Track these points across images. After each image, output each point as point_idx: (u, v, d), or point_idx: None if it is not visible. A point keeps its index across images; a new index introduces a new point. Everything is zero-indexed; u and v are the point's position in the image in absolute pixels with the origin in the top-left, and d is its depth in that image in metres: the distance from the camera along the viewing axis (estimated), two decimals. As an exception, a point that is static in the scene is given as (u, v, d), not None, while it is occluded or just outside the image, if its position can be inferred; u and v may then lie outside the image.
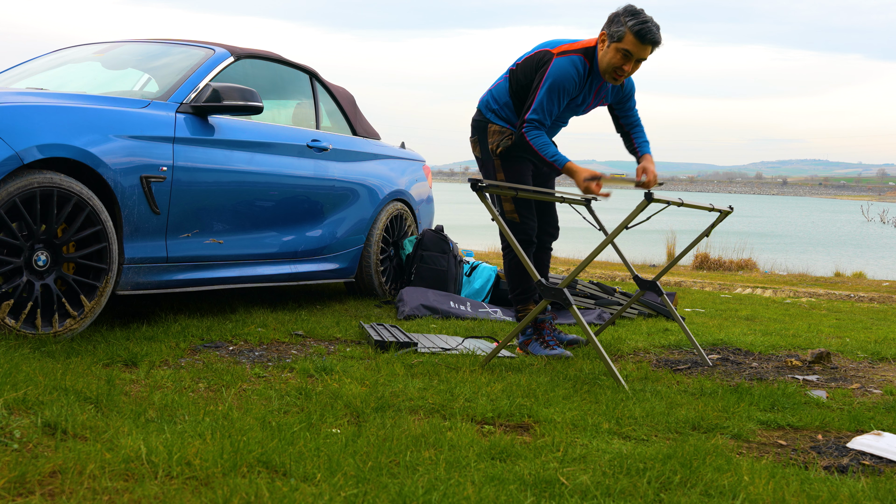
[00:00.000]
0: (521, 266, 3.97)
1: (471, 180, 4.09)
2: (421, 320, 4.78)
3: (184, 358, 3.35)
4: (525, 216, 3.96)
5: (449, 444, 2.35)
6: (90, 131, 3.51)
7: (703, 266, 12.09)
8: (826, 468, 2.44)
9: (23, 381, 2.54)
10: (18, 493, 1.77)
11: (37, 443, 2.08)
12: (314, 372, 3.22)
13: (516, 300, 4.08)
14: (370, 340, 3.87)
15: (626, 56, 3.67)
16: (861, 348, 4.57)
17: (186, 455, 2.02)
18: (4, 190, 3.18)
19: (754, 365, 4.03)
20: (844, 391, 3.51)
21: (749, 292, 8.21)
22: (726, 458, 2.38)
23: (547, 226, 4.19)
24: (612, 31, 3.68)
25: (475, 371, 3.40)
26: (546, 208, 4.18)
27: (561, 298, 3.50)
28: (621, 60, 3.68)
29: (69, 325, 3.40)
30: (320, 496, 1.87)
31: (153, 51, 4.71)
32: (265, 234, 4.51)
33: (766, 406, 3.12)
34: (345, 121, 5.48)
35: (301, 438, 2.28)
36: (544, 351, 3.91)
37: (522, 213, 3.96)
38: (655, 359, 4.07)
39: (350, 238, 5.18)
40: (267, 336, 3.90)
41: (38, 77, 4.55)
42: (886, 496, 2.15)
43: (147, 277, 3.81)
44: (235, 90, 4.07)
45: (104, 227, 3.50)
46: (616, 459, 2.31)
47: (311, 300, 5.27)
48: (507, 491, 2.00)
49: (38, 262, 3.32)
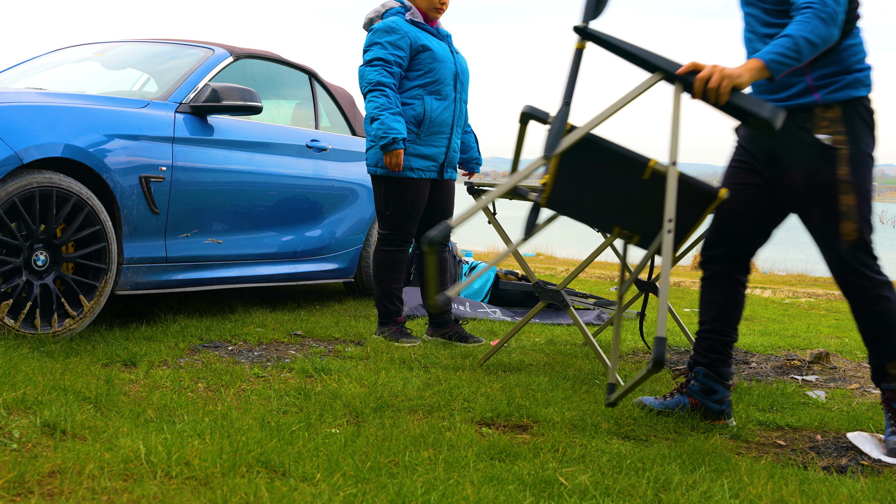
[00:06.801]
0: None
1: (467, 184, 4.09)
2: (421, 320, 4.78)
3: (183, 358, 3.35)
4: None
5: (448, 444, 2.35)
6: (89, 131, 3.51)
7: (703, 266, 12.07)
8: (825, 468, 2.44)
9: (22, 380, 2.54)
10: (17, 493, 1.77)
11: (36, 443, 2.08)
12: (313, 372, 3.22)
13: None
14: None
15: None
16: (860, 348, 4.57)
17: (185, 455, 2.02)
18: (3, 190, 3.18)
19: (753, 365, 4.03)
20: (843, 391, 3.51)
21: (748, 292, 8.21)
22: (725, 459, 2.38)
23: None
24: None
25: (474, 371, 3.40)
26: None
27: (558, 300, 3.50)
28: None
29: (68, 325, 3.40)
30: (319, 496, 1.87)
31: (152, 51, 4.71)
32: (264, 234, 4.51)
33: (765, 406, 3.12)
34: (344, 121, 5.48)
35: (300, 438, 2.28)
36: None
37: None
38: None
39: (349, 238, 5.18)
40: (266, 336, 3.90)
41: (38, 77, 4.55)
42: (885, 496, 2.15)
43: (146, 277, 3.81)
44: (235, 90, 4.07)
45: (103, 226, 3.50)
46: (615, 459, 2.31)
47: (310, 300, 5.27)
48: (506, 491, 2.00)
49: (37, 262, 3.32)
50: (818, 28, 2.50)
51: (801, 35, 2.50)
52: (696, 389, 2.86)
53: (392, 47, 3.88)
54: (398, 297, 4.09)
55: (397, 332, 4.04)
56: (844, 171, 2.63)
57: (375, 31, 3.93)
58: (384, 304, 4.07)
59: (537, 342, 4.31)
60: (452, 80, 4.02)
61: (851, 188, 2.63)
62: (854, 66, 2.66)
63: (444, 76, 3.99)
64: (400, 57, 3.89)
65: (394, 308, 4.07)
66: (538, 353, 3.98)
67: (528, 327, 4.73)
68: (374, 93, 3.84)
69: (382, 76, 3.84)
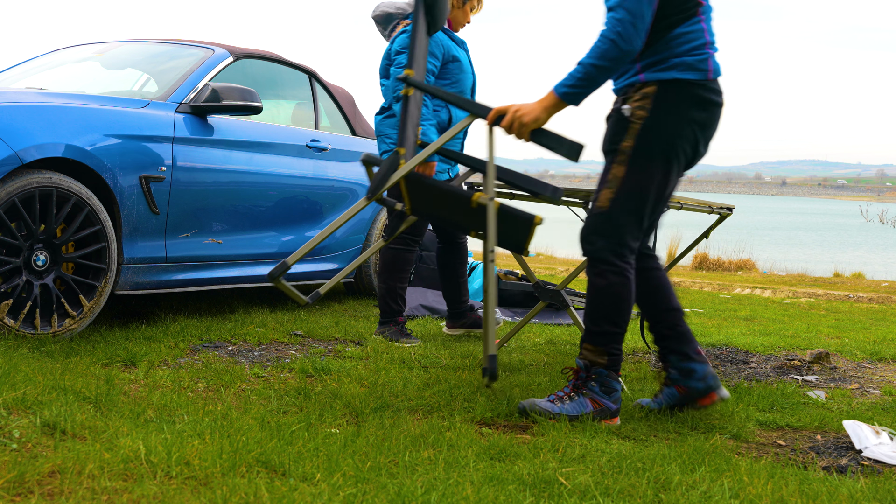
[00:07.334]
0: None
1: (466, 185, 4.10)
2: (421, 320, 4.78)
3: (183, 358, 3.35)
4: None
5: (448, 444, 2.36)
6: (89, 131, 3.51)
7: (703, 266, 12.09)
8: (825, 468, 2.44)
9: (22, 380, 2.54)
10: (17, 492, 1.77)
11: (36, 443, 2.08)
12: (313, 372, 3.22)
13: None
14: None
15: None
16: (860, 348, 4.57)
17: (185, 455, 2.02)
18: (3, 190, 3.18)
19: (753, 365, 4.03)
20: (843, 391, 3.51)
21: (748, 292, 8.21)
22: (725, 459, 2.38)
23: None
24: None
25: (474, 371, 3.40)
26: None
27: (558, 300, 3.50)
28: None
29: (68, 325, 3.40)
30: (319, 496, 1.87)
31: (152, 51, 4.71)
32: (264, 234, 4.52)
33: (765, 406, 3.12)
34: (344, 121, 5.48)
35: (300, 438, 2.28)
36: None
37: None
38: (654, 359, 4.07)
39: (349, 238, 5.18)
40: (266, 336, 3.90)
41: (38, 77, 4.55)
42: (885, 496, 2.15)
43: (146, 277, 3.81)
44: (235, 90, 4.07)
45: (103, 226, 3.50)
46: (615, 459, 2.31)
47: (310, 300, 5.26)
48: (506, 491, 2.00)
49: (37, 262, 3.32)
50: (608, 52, 2.59)
51: (590, 63, 2.62)
52: (677, 376, 2.89)
53: (429, 55, 3.93)
54: (402, 296, 4.10)
55: (397, 332, 4.05)
56: (628, 143, 2.70)
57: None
58: (387, 303, 4.07)
59: (537, 342, 4.31)
60: (471, 89, 4.17)
61: (625, 161, 2.70)
62: (686, 53, 2.69)
63: (466, 86, 4.12)
64: (434, 65, 3.97)
65: (396, 307, 4.08)
66: (538, 353, 3.98)
67: (528, 327, 4.73)
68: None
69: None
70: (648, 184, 2.71)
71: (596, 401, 2.76)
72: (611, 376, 2.77)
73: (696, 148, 2.75)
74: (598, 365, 2.77)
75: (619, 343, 2.78)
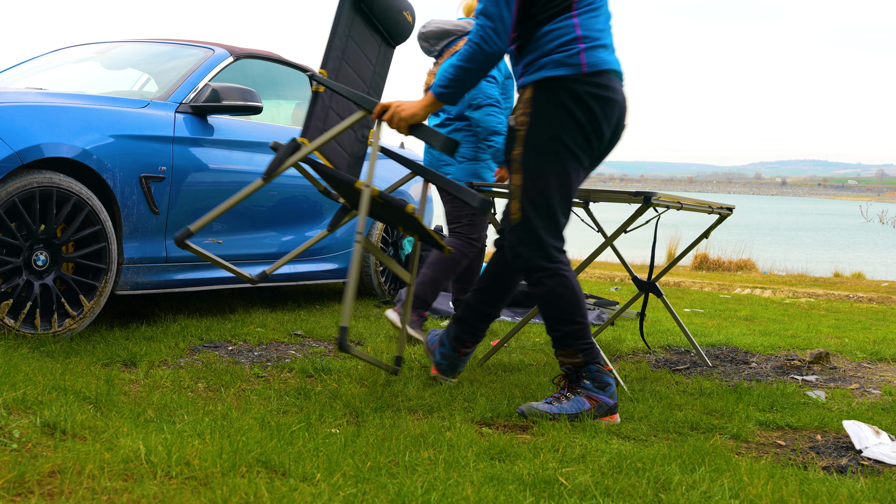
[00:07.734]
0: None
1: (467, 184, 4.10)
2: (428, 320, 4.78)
3: (183, 358, 3.35)
4: None
5: (448, 444, 2.36)
6: (89, 131, 3.51)
7: (703, 266, 12.10)
8: (825, 468, 2.44)
9: (22, 380, 2.54)
10: (17, 492, 1.77)
11: (36, 443, 2.08)
12: (313, 372, 3.22)
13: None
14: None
15: None
16: (860, 349, 4.57)
17: (185, 455, 2.02)
18: (4, 190, 3.18)
19: (753, 365, 4.03)
20: (843, 391, 3.51)
21: (748, 292, 8.21)
22: (725, 459, 2.38)
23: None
24: None
25: (474, 371, 3.40)
26: None
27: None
28: None
29: (68, 325, 3.40)
30: (319, 496, 1.87)
31: (152, 51, 4.71)
32: (264, 234, 4.52)
33: (765, 406, 3.12)
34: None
35: (300, 438, 2.28)
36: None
37: None
38: (654, 359, 4.07)
39: (349, 238, 5.18)
40: (266, 336, 3.90)
41: (38, 77, 4.55)
42: (885, 496, 2.15)
43: (146, 277, 3.81)
44: (235, 90, 4.07)
45: (103, 226, 3.50)
46: (615, 459, 2.31)
47: (310, 300, 5.27)
48: (506, 491, 2.00)
49: (37, 262, 3.32)
50: (475, 55, 2.71)
51: (459, 65, 2.74)
52: (445, 337, 3.03)
53: (500, 70, 4.26)
54: (439, 292, 4.18)
55: (415, 321, 4.12)
56: (517, 151, 2.78)
57: None
58: (425, 290, 4.13)
59: (537, 342, 4.31)
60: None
61: (520, 169, 2.76)
62: (554, 50, 2.73)
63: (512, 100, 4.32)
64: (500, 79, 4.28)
65: (428, 300, 4.14)
66: (538, 353, 3.99)
67: (528, 327, 4.73)
68: (494, 108, 4.14)
69: (500, 94, 4.23)
70: (547, 186, 2.74)
71: (592, 398, 2.77)
72: (601, 371, 2.79)
73: (589, 141, 2.77)
74: (578, 365, 2.79)
75: (585, 337, 2.79)
